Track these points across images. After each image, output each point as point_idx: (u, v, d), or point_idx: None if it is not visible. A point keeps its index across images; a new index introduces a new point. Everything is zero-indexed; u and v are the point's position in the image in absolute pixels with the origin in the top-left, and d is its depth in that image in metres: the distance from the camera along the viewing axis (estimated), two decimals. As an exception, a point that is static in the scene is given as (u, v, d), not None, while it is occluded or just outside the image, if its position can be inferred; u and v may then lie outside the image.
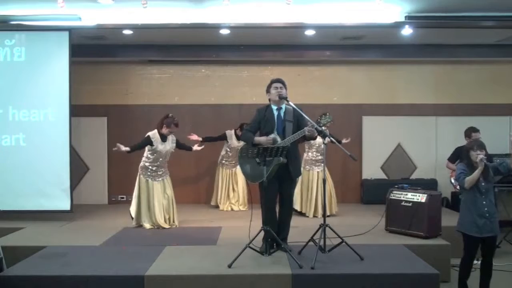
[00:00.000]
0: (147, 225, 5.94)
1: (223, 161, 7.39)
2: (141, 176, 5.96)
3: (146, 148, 5.92)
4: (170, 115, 5.91)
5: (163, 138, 5.90)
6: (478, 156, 4.17)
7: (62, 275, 4.05)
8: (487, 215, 4.18)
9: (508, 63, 7.99)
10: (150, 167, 5.92)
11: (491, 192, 4.28)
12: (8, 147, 6.31)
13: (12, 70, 6.33)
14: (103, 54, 7.54)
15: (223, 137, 7.29)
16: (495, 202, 4.65)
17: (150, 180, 5.93)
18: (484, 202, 4.20)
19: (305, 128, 4.47)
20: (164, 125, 5.85)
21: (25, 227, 5.88)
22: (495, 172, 4.25)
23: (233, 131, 7.29)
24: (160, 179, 5.96)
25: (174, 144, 6.03)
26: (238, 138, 7.11)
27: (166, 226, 5.95)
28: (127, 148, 5.78)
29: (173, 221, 6.04)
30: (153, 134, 5.87)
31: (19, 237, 5.46)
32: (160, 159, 5.92)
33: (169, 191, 6.02)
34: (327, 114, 4.51)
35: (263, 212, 4.55)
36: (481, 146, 4.24)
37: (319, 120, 4.47)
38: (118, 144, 5.76)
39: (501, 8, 5.87)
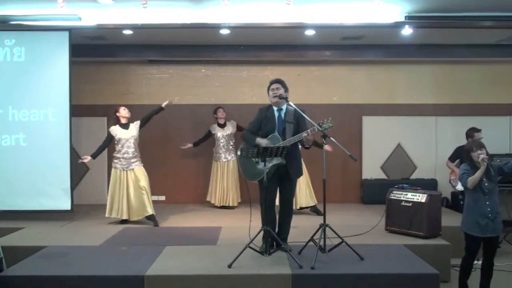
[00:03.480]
0: (118, 216, 6.08)
1: (218, 154, 7.38)
2: (112, 167, 6.17)
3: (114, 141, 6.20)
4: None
5: (124, 126, 6.18)
6: (479, 155, 4.16)
7: (62, 275, 4.05)
8: (490, 215, 4.18)
9: (508, 63, 7.97)
10: (118, 156, 6.10)
11: (495, 192, 4.25)
12: (8, 147, 6.31)
13: (12, 70, 6.33)
14: (103, 54, 7.53)
15: (209, 134, 7.41)
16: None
17: (120, 170, 6.09)
18: (487, 202, 4.19)
19: (302, 132, 4.48)
20: (116, 115, 6.18)
21: (25, 227, 5.88)
22: (498, 172, 4.24)
23: (215, 125, 7.41)
24: (131, 167, 6.09)
25: (137, 127, 6.22)
26: (220, 125, 7.38)
27: (134, 218, 6.08)
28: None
29: (146, 211, 6.05)
30: (112, 128, 6.20)
31: (19, 237, 5.46)
32: (125, 147, 6.08)
33: (142, 181, 6.09)
34: (329, 119, 4.50)
35: (263, 211, 4.56)
36: (481, 145, 4.24)
37: (321, 123, 4.47)
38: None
39: (501, 8, 5.86)
